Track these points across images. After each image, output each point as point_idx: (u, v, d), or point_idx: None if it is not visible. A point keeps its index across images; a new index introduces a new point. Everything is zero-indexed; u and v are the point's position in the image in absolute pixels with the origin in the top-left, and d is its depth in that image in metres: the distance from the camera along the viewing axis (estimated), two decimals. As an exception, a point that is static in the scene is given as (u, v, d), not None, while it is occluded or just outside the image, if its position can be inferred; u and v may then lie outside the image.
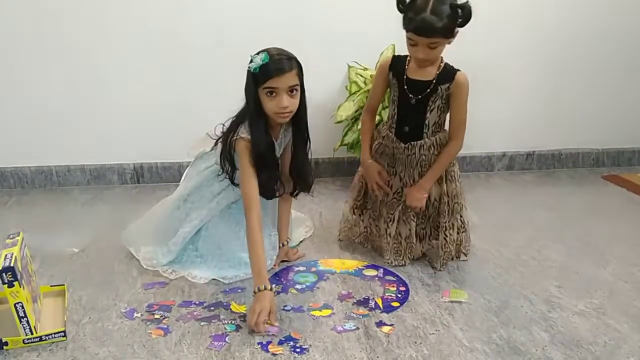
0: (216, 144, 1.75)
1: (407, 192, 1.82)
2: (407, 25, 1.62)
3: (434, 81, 1.73)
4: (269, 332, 1.47)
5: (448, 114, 1.80)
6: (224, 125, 1.73)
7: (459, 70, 1.75)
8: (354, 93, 2.49)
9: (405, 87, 1.75)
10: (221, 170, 1.75)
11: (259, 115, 1.63)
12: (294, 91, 1.61)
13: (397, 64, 1.78)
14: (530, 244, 2.05)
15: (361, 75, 2.50)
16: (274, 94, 1.59)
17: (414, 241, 1.84)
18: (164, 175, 2.69)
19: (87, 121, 2.57)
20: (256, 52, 1.60)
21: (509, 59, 2.77)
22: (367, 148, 1.89)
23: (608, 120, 2.97)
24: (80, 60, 2.49)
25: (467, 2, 1.61)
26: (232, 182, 1.75)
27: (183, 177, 1.95)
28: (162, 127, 2.60)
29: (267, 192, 1.70)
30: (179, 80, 2.56)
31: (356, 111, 2.43)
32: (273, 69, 1.56)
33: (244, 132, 1.65)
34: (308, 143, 1.78)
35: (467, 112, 1.79)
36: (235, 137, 1.66)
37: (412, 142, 1.78)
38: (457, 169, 1.87)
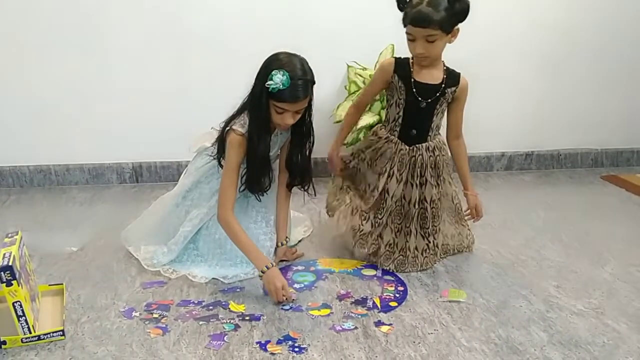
0: (217, 139, 1.76)
1: (473, 204, 1.90)
2: (405, 19, 1.64)
3: (443, 85, 1.74)
4: (292, 299, 1.63)
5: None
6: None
7: (459, 73, 1.77)
8: (353, 93, 2.49)
9: (414, 90, 1.74)
10: (214, 155, 1.76)
11: (261, 114, 1.64)
12: (302, 110, 1.65)
13: (401, 67, 1.76)
14: (529, 244, 2.05)
15: (360, 75, 2.50)
16: (282, 112, 1.61)
17: (417, 254, 1.82)
18: (163, 175, 2.69)
19: (86, 120, 2.57)
20: (278, 67, 1.57)
21: (508, 59, 2.77)
22: (342, 140, 1.95)
23: (607, 121, 2.98)
24: (79, 60, 2.49)
25: None
26: (221, 166, 1.76)
27: (183, 173, 1.95)
28: (161, 126, 2.60)
29: (255, 187, 1.73)
30: (179, 79, 2.56)
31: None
32: (289, 95, 1.58)
33: (237, 125, 1.66)
34: (309, 143, 1.78)
35: (466, 112, 1.84)
36: (228, 128, 1.68)
37: (417, 145, 1.79)
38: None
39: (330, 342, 1.44)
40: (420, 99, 1.74)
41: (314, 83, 1.64)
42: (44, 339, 1.42)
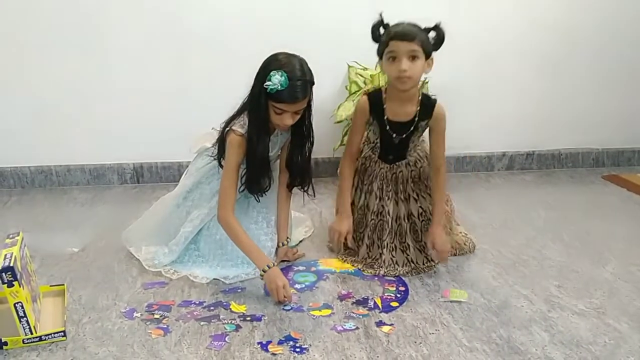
0: (217, 140, 1.75)
1: (431, 244, 1.77)
2: (387, 37, 1.64)
3: (416, 119, 1.74)
4: (292, 301, 1.63)
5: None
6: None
7: (435, 100, 1.75)
8: (353, 93, 2.49)
9: (388, 127, 1.76)
10: (215, 155, 1.76)
11: (260, 115, 1.64)
12: (301, 110, 1.64)
13: (374, 102, 1.75)
14: (530, 244, 2.05)
15: (361, 75, 2.50)
16: (281, 112, 1.61)
17: (419, 264, 1.83)
18: (164, 175, 2.69)
19: (86, 121, 2.57)
20: (276, 67, 1.56)
21: (508, 59, 2.77)
22: (348, 198, 1.85)
23: (607, 121, 2.98)
24: (79, 60, 2.49)
25: (439, 25, 1.65)
26: (221, 166, 1.75)
27: (184, 174, 1.95)
28: (161, 126, 2.60)
29: (255, 187, 1.73)
30: (179, 79, 2.56)
31: (356, 111, 2.43)
32: (287, 96, 1.57)
33: (237, 126, 1.67)
34: (309, 143, 1.78)
35: (467, 112, 1.82)
36: (228, 129, 1.68)
37: (397, 163, 1.81)
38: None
39: (332, 343, 1.44)
40: (394, 135, 1.76)
41: (313, 84, 1.64)
42: (45, 339, 1.42)
